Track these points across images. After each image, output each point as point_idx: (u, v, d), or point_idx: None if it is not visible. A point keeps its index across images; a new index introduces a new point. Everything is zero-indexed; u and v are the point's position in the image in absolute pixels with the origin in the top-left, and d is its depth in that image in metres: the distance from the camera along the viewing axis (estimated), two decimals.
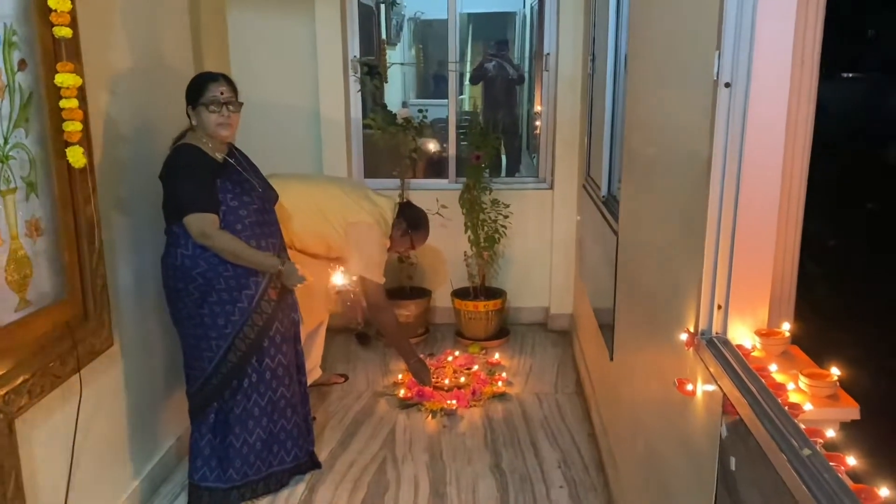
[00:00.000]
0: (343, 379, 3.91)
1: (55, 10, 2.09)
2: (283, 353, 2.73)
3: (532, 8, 7.27)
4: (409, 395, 3.67)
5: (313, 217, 3.29)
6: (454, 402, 3.59)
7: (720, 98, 1.53)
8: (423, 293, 4.57)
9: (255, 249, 2.57)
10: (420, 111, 4.55)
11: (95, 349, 2.38)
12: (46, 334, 2.15)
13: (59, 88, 2.14)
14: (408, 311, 4.38)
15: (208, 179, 2.52)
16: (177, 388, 3.02)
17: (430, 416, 3.52)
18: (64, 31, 2.13)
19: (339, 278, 2.96)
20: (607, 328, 2.93)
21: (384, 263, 3.46)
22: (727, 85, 1.52)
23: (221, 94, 2.53)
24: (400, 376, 3.90)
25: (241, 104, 2.61)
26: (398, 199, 3.99)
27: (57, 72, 2.13)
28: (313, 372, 3.65)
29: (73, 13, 2.16)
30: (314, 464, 3.00)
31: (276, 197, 2.78)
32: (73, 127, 2.17)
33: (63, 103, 2.15)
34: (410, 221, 3.61)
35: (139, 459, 2.82)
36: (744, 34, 1.50)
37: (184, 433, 3.06)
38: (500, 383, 3.82)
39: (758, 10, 1.48)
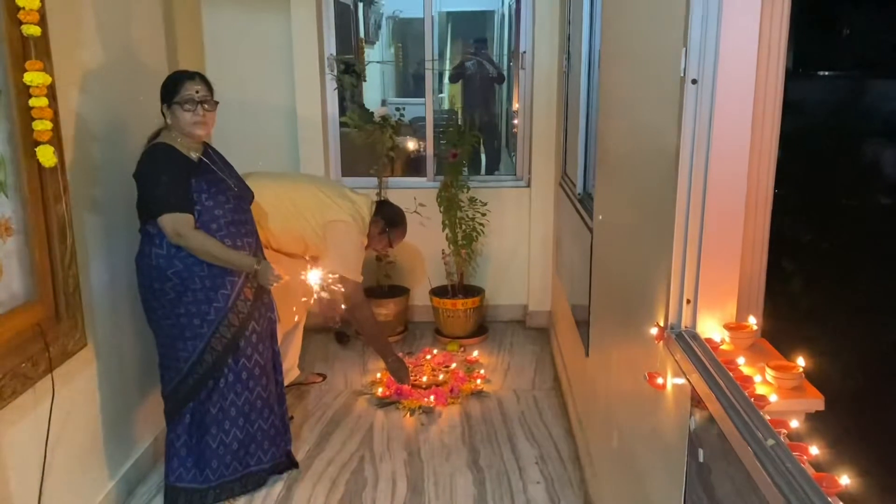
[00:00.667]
0: (321, 378, 3.91)
1: (23, 8, 2.08)
2: (259, 353, 2.72)
3: (510, 6, 7.29)
4: (388, 393, 3.67)
5: (290, 216, 3.28)
6: (432, 399, 3.60)
7: (687, 94, 1.55)
8: (401, 291, 4.57)
9: (231, 249, 2.56)
10: (398, 109, 4.56)
11: (68, 350, 2.36)
12: (18, 335, 2.13)
13: (29, 87, 2.12)
14: (386, 309, 4.38)
15: (183, 179, 2.50)
16: (152, 390, 3.00)
17: (409, 413, 3.53)
18: (32, 30, 2.11)
19: (315, 276, 2.95)
20: (583, 324, 2.95)
21: (362, 261, 3.46)
22: (694, 81, 1.54)
23: (197, 92, 2.51)
24: (378, 375, 3.90)
25: (217, 103, 2.59)
26: (375, 198, 3.99)
27: (26, 70, 2.11)
28: (291, 371, 3.64)
29: (41, 11, 2.15)
30: (292, 463, 2.99)
31: (252, 196, 2.77)
32: (42, 126, 2.16)
33: (32, 102, 2.14)
34: (388, 219, 3.61)
35: (114, 461, 2.80)
36: (710, 31, 1.52)
37: (160, 434, 3.04)
38: (478, 381, 3.83)
39: (723, 7, 1.50)
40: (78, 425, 2.54)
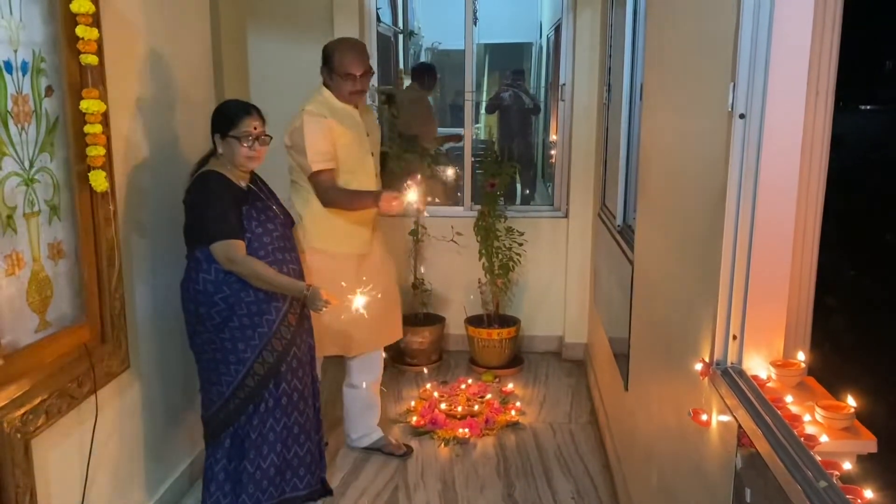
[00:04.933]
0: (407, 449, 3.46)
1: (83, 39, 2.15)
2: (299, 379, 2.73)
3: (548, 39, 7.35)
4: (422, 422, 3.66)
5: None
6: (467, 430, 3.58)
7: (735, 129, 1.55)
8: (436, 319, 4.57)
9: (283, 276, 2.60)
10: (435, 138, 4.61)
11: (112, 371, 2.40)
12: (64, 355, 2.18)
13: (84, 114, 2.19)
14: (422, 337, 4.39)
15: (234, 206, 2.55)
16: (190, 412, 3.03)
17: (443, 444, 3.50)
18: (90, 59, 2.18)
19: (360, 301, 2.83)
20: (622, 357, 2.91)
21: (322, 148, 2.97)
22: (742, 116, 1.54)
23: (255, 129, 2.56)
24: (412, 403, 3.89)
25: (271, 138, 2.64)
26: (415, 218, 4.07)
27: (82, 98, 2.18)
28: (373, 434, 3.45)
29: (99, 41, 2.22)
30: (326, 491, 2.99)
31: (293, 223, 2.82)
32: (96, 152, 2.22)
33: (87, 128, 2.20)
34: (324, 59, 3.15)
35: (152, 482, 2.82)
36: (758, 66, 1.51)
37: (196, 457, 3.07)
38: (513, 412, 3.80)
39: (772, 41, 1.49)
40: (119, 446, 2.57)
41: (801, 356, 1.62)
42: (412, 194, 2.95)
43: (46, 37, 2.07)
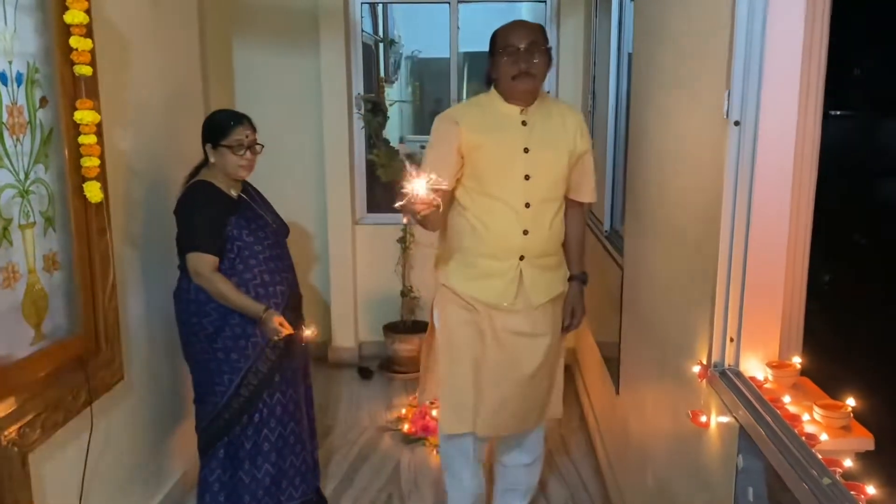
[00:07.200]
0: None
1: (76, 49, 2.14)
2: (294, 388, 2.73)
3: None
4: (413, 430, 3.66)
5: None
6: None
7: (730, 136, 1.58)
8: (425, 327, 4.55)
9: (245, 296, 2.53)
10: (422, 147, 4.62)
11: (106, 383, 2.38)
12: (60, 368, 2.16)
13: (78, 125, 2.18)
14: (411, 345, 4.39)
15: (219, 219, 2.53)
16: (184, 423, 3.02)
17: (435, 451, 3.51)
18: (84, 70, 2.18)
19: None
20: (612, 362, 2.95)
21: (434, 159, 2.48)
22: (737, 123, 1.58)
23: (247, 137, 2.57)
24: (403, 411, 3.89)
25: (262, 146, 2.64)
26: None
27: (76, 109, 2.17)
28: None
29: (93, 52, 2.21)
30: (321, 500, 2.98)
31: (288, 231, 2.81)
32: (91, 162, 2.21)
33: (82, 139, 2.19)
34: (489, 47, 2.49)
35: (147, 493, 2.80)
36: (752, 73, 1.55)
37: (190, 467, 3.05)
38: None
39: (766, 49, 1.53)
40: (114, 457, 2.55)
41: (796, 358, 1.66)
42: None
43: (40, 48, 2.07)
